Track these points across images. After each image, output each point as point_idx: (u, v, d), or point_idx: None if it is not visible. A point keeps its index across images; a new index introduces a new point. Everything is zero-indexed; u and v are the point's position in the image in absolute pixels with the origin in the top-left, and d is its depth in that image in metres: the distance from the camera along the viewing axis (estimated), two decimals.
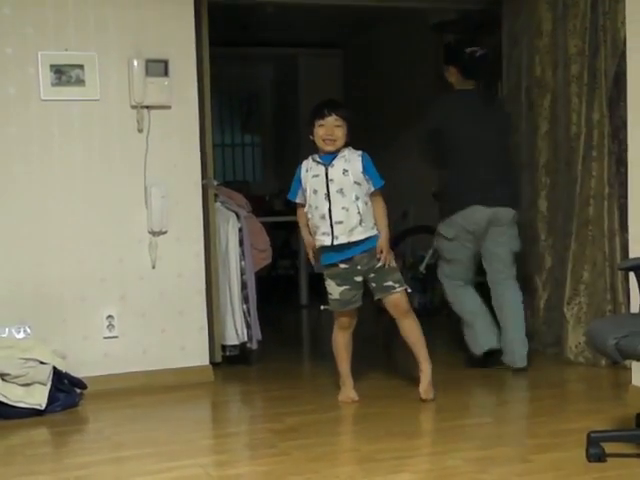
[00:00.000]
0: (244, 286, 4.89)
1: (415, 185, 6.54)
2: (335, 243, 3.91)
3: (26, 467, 3.28)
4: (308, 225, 4.05)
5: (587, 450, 3.04)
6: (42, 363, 4.04)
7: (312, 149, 4.02)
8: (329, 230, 3.90)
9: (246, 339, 4.89)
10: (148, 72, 4.40)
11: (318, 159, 3.96)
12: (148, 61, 4.40)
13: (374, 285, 4.01)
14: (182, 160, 4.57)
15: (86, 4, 4.37)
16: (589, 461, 3.01)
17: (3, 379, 3.95)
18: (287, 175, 9.41)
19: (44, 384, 4.00)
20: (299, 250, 7.48)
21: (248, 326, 4.88)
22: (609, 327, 3.08)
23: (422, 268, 6.37)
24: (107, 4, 4.40)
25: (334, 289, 4.00)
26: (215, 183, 4.80)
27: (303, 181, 3.99)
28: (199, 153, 4.62)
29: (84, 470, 3.17)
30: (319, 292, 4.19)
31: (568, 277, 4.72)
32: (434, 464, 3.09)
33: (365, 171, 3.92)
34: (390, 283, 3.99)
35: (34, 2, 4.30)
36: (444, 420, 3.69)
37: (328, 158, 3.93)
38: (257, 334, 4.93)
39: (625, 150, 4.11)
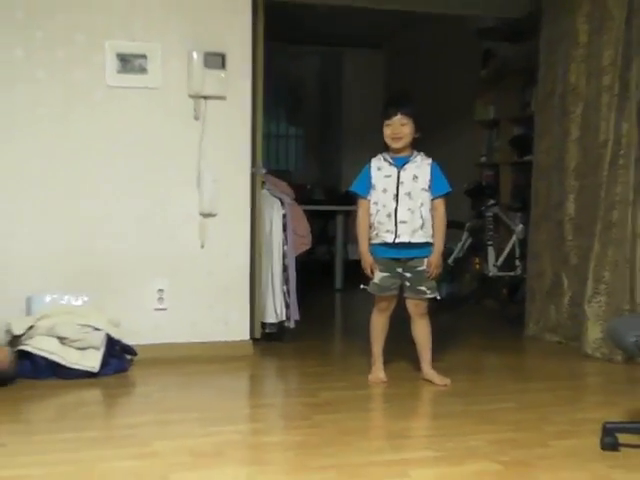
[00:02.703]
0: (285, 268, 5.05)
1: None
2: (397, 241, 4.02)
3: (78, 423, 3.44)
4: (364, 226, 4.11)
5: (602, 439, 3.11)
6: (97, 329, 4.21)
7: (353, 142, 4.11)
8: (393, 228, 4.02)
9: (284, 318, 5.07)
10: (206, 64, 4.58)
11: (390, 160, 4.07)
12: (207, 54, 4.58)
13: (408, 284, 4.11)
14: (234, 148, 4.74)
15: None
16: (603, 449, 3.08)
17: (62, 342, 4.14)
18: (327, 166, 9.66)
19: (98, 349, 4.18)
20: (336, 237, 7.73)
21: (287, 306, 5.06)
22: (629, 325, 3.17)
23: (450, 261, 6.59)
24: None
25: (376, 274, 4.11)
26: (263, 171, 4.95)
27: (374, 179, 4.08)
28: (250, 142, 4.79)
29: (131, 430, 3.31)
30: (353, 277, 4.31)
31: (590, 276, 4.85)
32: (457, 444, 3.18)
33: (432, 179, 4.05)
34: (424, 288, 4.10)
35: None
36: (469, 404, 3.78)
37: (401, 161, 4.05)
38: (295, 314, 5.10)
39: None
